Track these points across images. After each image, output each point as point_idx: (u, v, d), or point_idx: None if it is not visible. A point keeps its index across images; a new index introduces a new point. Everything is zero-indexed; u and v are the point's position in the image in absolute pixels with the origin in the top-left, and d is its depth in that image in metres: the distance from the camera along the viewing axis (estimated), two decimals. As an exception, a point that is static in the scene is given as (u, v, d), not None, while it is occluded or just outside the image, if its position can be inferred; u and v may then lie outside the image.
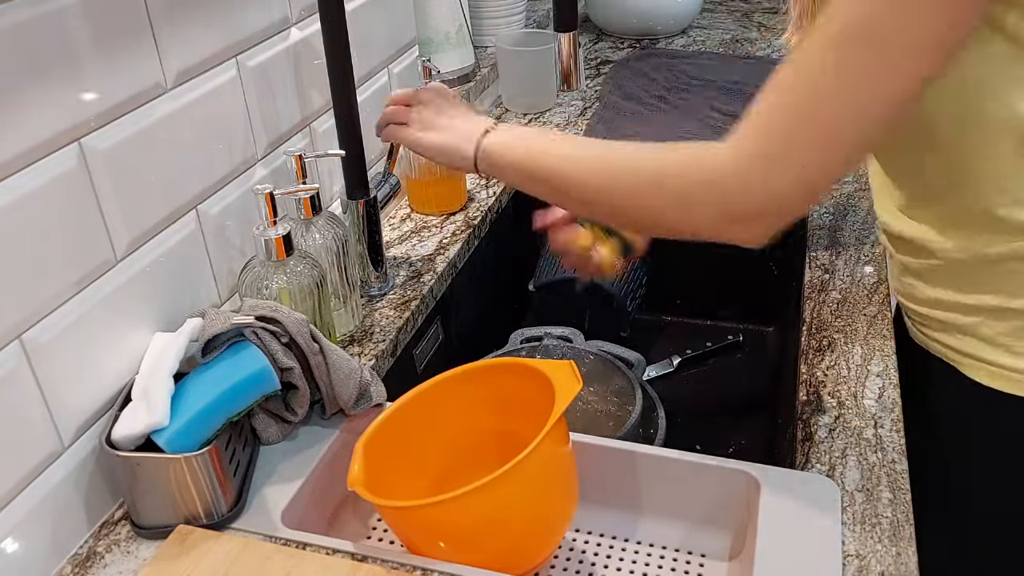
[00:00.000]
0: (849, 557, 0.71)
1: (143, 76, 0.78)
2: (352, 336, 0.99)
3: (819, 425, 0.84)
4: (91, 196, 0.74)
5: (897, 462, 0.79)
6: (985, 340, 0.81)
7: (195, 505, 0.75)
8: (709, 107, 1.50)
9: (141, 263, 0.81)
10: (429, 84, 1.04)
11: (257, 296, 0.87)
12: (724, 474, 0.80)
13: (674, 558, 0.82)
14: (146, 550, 0.75)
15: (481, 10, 1.58)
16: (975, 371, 0.82)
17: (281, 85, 0.98)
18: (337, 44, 0.93)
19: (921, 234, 0.81)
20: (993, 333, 0.80)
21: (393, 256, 1.14)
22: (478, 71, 1.51)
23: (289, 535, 0.75)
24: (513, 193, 1.35)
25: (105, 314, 0.77)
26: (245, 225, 0.94)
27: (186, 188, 0.85)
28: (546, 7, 1.81)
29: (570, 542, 0.85)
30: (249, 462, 0.81)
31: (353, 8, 1.09)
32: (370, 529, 0.87)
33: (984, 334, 0.80)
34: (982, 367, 0.82)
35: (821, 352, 0.93)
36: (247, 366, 0.77)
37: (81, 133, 0.72)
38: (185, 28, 0.82)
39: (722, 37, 1.86)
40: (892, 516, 0.74)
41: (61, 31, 0.69)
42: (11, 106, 0.66)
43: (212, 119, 0.88)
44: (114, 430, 0.74)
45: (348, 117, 0.96)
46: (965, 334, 0.82)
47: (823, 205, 1.20)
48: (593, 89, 1.63)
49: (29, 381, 0.70)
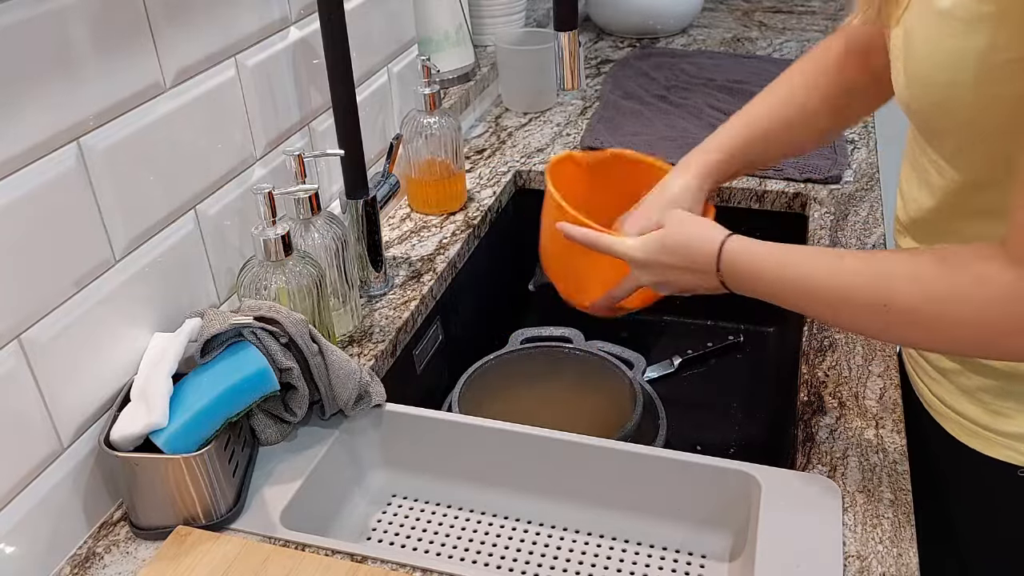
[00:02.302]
0: (850, 558, 0.70)
1: (142, 75, 0.78)
2: (351, 336, 0.99)
3: (820, 426, 0.83)
4: (90, 196, 0.74)
5: (898, 463, 0.79)
6: (964, 392, 0.79)
7: (194, 506, 0.75)
8: (709, 106, 1.50)
9: (140, 263, 0.80)
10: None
11: (256, 296, 0.86)
12: (725, 475, 0.80)
13: (675, 559, 0.82)
14: (145, 551, 0.75)
15: (481, 9, 1.57)
16: (950, 424, 0.81)
17: (280, 84, 0.98)
18: (336, 43, 0.93)
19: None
20: (972, 386, 0.78)
21: (393, 256, 1.14)
22: (478, 70, 1.50)
23: (288, 536, 0.75)
24: (513, 193, 1.35)
25: (104, 314, 0.77)
26: (244, 225, 0.94)
27: (185, 188, 0.85)
28: (546, 6, 1.80)
29: (570, 543, 0.85)
30: (248, 463, 0.81)
31: (352, 7, 1.09)
32: (370, 530, 0.87)
33: (963, 385, 0.79)
34: (958, 421, 0.80)
35: (822, 352, 0.93)
36: (246, 367, 0.77)
37: (79, 133, 0.72)
38: (184, 27, 0.82)
39: (723, 36, 1.86)
40: (893, 517, 0.74)
41: (60, 31, 0.69)
42: (9, 106, 0.65)
43: (211, 119, 0.87)
44: (113, 430, 0.74)
45: (347, 116, 0.96)
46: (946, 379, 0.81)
47: (823, 205, 1.20)
48: (593, 88, 1.63)
49: (28, 381, 0.70)
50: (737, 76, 1.61)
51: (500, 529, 0.87)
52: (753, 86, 1.55)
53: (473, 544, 0.85)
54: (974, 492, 0.84)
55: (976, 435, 0.79)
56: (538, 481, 0.86)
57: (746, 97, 1.51)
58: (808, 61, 0.92)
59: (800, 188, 1.24)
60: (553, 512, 0.86)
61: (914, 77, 0.69)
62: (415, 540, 0.86)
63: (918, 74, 0.68)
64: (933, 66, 0.66)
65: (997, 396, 0.76)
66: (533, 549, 0.84)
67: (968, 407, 0.79)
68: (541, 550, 0.84)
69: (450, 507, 0.89)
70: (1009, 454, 0.77)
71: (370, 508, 0.89)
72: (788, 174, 1.27)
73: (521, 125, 1.50)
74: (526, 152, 1.40)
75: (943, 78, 0.66)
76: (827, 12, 1.98)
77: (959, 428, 0.80)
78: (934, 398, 0.83)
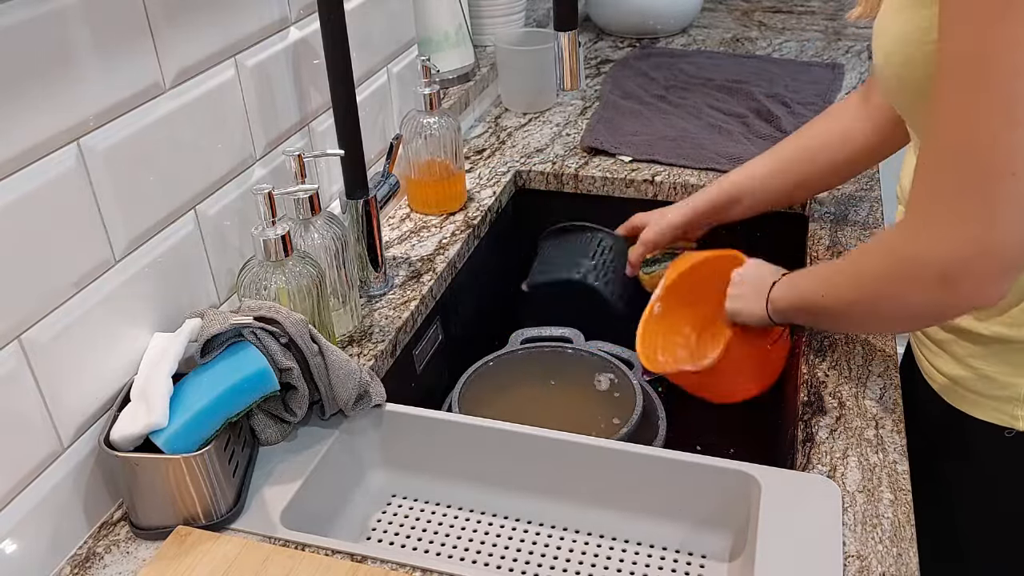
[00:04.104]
0: (850, 558, 0.70)
1: (142, 76, 0.78)
2: (351, 336, 0.99)
3: (820, 426, 0.83)
4: (89, 196, 0.74)
5: (898, 463, 0.79)
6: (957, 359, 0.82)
7: (194, 506, 0.75)
8: (709, 106, 1.50)
9: (140, 263, 0.80)
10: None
11: (256, 296, 0.86)
12: (725, 475, 0.80)
13: (675, 559, 0.82)
14: (145, 551, 0.75)
15: (481, 9, 1.57)
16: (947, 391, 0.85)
17: (280, 85, 0.98)
18: (336, 43, 0.93)
19: None
20: (964, 353, 0.82)
21: (392, 256, 1.14)
22: (477, 70, 1.50)
23: (288, 536, 0.75)
24: (513, 193, 1.35)
25: (104, 314, 0.77)
26: (244, 225, 0.94)
27: (185, 188, 0.85)
28: (546, 6, 1.80)
29: (570, 543, 0.85)
30: (248, 463, 0.81)
31: (352, 7, 1.09)
32: (369, 530, 0.87)
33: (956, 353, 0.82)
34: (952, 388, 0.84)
35: (822, 352, 0.93)
36: (246, 367, 0.77)
37: (79, 133, 0.72)
38: (184, 28, 0.82)
39: (722, 36, 1.86)
40: (893, 517, 0.74)
41: (60, 31, 0.69)
42: (9, 106, 0.65)
43: (211, 119, 0.87)
44: (113, 430, 0.74)
45: (347, 116, 0.96)
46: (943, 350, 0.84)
47: (823, 205, 1.20)
48: (593, 88, 1.63)
49: (28, 381, 0.70)
50: (737, 76, 1.61)
51: (500, 529, 0.87)
52: (752, 86, 1.56)
53: (473, 544, 0.85)
54: (968, 455, 0.87)
55: (966, 399, 0.84)
56: (538, 481, 0.86)
57: (746, 97, 1.53)
58: (828, 120, 1.04)
59: (800, 188, 1.24)
60: (553, 512, 0.86)
61: (881, 56, 0.76)
62: (415, 540, 0.86)
63: (884, 52, 0.76)
64: (892, 45, 0.74)
65: (985, 361, 0.81)
66: (533, 549, 0.84)
67: (961, 372, 0.83)
68: (541, 550, 0.84)
69: (450, 507, 0.89)
70: (999, 416, 0.82)
71: (370, 508, 0.89)
72: (788, 174, 1.27)
73: (521, 125, 1.50)
74: (526, 152, 1.40)
75: (899, 57, 0.73)
76: (827, 12, 1.98)
77: (953, 394, 0.85)
78: (932, 369, 0.88)
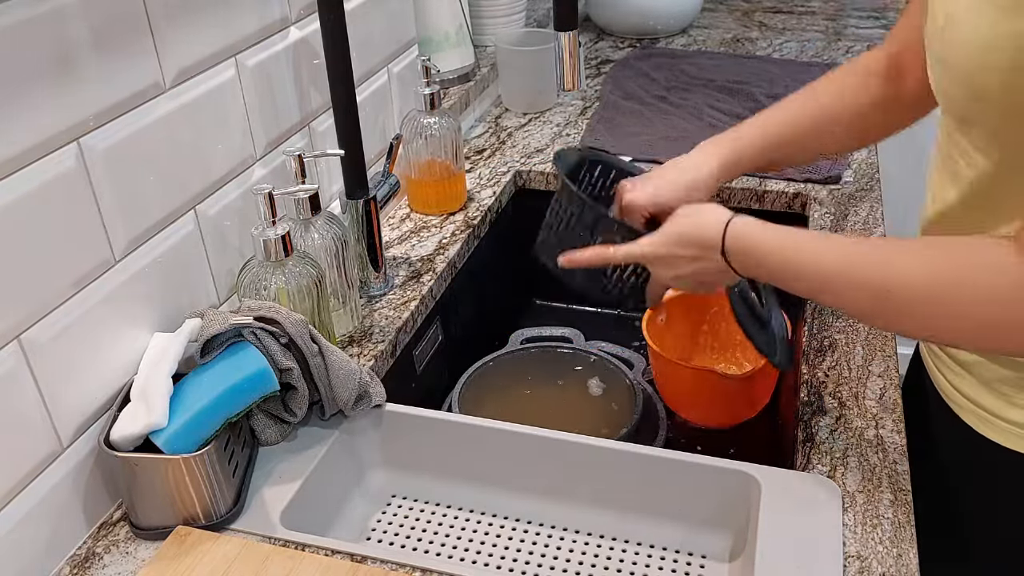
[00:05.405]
0: (850, 558, 0.70)
1: (142, 75, 0.78)
2: (351, 337, 0.99)
3: (820, 426, 0.83)
4: (89, 196, 0.74)
5: (898, 463, 0.79)
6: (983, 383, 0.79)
7: (194, 506, 0.75)
8: (709, 107, 1.50)
9: (140, 263, 0.80)
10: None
11: (256, 296, 0.86)
12: (725, 475, 0.79)
13: (675, 559, 0.82)
14: (145, 551, 0.75)
15: (481, 9, 1.57)
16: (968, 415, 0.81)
17: (280, 85, 0.98)
18: (336, 43, 0.93)
19: None
20: (992, 377, 0.77)
21: (393, 256, 1.14)
22: (478, 70, 1.50)
23: (288, 536, 0.75)
24: (513, 193, 1.35)
25: (103, 314, 0.77)
26: (244, 225, 0.94)
27: (185, 188, 0.85)
28: (546, 6, 1.80)
29: (570, 543, 0.85)
30: (248, 463, 0.81)
31: (352, 7, 1.09)
32: (369, 530, 0.87)
33: (983, 377, 0.78)
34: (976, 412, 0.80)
35: (822, 353, 0.93)
36: (246, 367, 0.77)
37: (79, 133, 0.72)
38: (184, 27, 0.82)
39: (722, 36, 1.86)
40: (893, 517, 0.74)
41: (60, 31, 0.69)
42: (9, 106, 0.65)
43: (211, 119, 0.87)
44: (112, 431, 0.74)
45: (347, 116, 0.96)
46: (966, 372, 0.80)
47: (823, 205, 1.20)
48: (593, 89, 1.63)
49: (28, 381, 0.70)
50: (737, 76, 1.61)
51: (500, 529, 0.87)
52: (753, 86, 1.56)
53: (473, 544, 0.85)
54: (986, 483, 0.84)
55: (992, 425, 0.79)
56: (538, 481, 0.86)
57: (746, 97, 1.53)
58: (839, 70, 0.94)
59: (800, 188, 1.24)
60: (553, 512, 0.86)
61: (950, 62, 0.69)
62: (415, 540, 0.86)
63: (954, 59, 0.69)
64: (969, 51, 0.66)
65: (1015, 387, 0.76)
66: (533, 549, 0.84)
67: (987, 398, 0.79)
68: (541, 550, 0.84)
69: (450, 507, 0.89)
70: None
71: (370, 508, 0.89)
72: (788, 174, 1.27)
73: (521, 125, 1.50)
74: (526, 152, 1.40)
75: (976, 63, 0.66)
76: (827, 12, 1.98)
77: (976, 419, 0.81)
78: (954, 390, 0.83)
